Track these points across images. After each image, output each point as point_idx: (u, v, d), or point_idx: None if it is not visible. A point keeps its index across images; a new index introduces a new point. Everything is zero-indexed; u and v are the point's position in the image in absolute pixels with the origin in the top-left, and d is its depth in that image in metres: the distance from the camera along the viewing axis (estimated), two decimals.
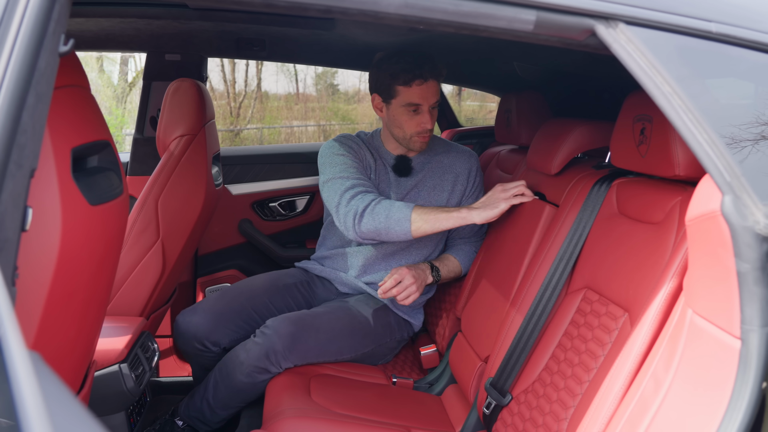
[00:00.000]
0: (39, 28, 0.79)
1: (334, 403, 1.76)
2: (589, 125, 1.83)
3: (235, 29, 2.32)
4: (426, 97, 2.00)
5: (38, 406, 0.41)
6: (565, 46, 1.05)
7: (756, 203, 0.95)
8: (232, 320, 2.07)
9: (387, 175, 2.18)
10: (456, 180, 2.20)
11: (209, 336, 2.03)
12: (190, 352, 2.07)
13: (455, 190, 2.20)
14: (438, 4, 0.94)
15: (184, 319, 2.04)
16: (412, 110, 2.02)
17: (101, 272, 1.22)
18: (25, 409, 0.41)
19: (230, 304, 2.10)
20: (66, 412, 0.47)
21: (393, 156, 2.19)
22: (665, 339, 1.16)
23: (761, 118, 1.05)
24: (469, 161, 2.23)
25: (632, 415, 1.14)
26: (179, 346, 2.08)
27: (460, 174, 2.20)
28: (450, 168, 2.20)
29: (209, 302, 2.10)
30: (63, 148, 1.03)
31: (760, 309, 0.93)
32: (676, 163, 1.27)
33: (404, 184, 2.17)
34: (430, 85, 1.99)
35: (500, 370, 1.64)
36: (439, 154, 2.22)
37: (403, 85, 1.98)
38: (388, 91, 2.02)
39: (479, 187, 2.25)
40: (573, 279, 1.59)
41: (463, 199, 2.22)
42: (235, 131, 13.00)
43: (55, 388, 0.49)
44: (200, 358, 2.08)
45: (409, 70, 1.95)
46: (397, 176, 2.17)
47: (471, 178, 2.22)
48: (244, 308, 2.11)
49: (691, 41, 1.03)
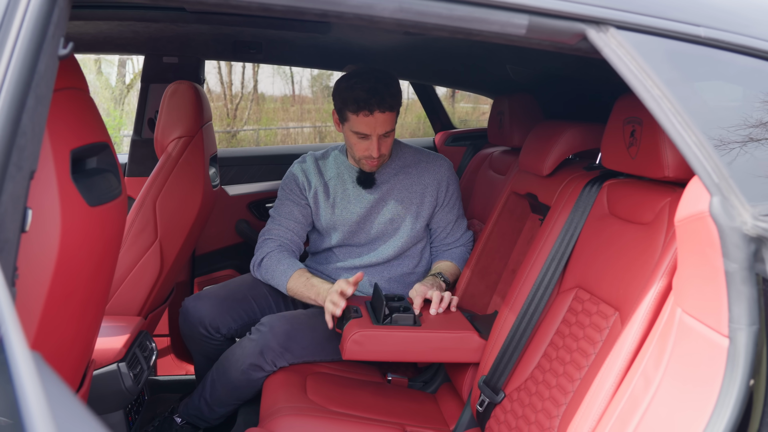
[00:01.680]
0: (39, 32, 0.79)
1: (330, 401, 1.76)
2: (580, 127, 1.84)
3: (231, 32, 2.32)
4: (373, 128, 1.95)
5: (41, 406, 0.42)
6: (556, 49, 1.05)
7: (743, 204, 0.95)
8: (233, 308, 2.11)
9: (350, 188, 2.16)
10: (424, 193, 2.16)
11: (212, 321, 2.07)
12: (195, 336, 2.10)
13: (424, 203, 2.16)
14: (432, 8, 0.94)
15: (191, 304, 2.10)
16: (359, 137, 1.98)
17: (100, 272, 1.22)
18: (29, 408, 0.41)
19: (233, 292, 2.15)
20: (67, 411, 0.47)
21: (356, 169, 2.16)
22: (655, 337, 1.16)
23: (749, 120, 1.05)
24: (439, 171, 2.18)
25: (623, 412, 1.15)
26: (183, 331, 2.12)
27: (429, 186, 2.16)
28: (418, 180, 2.16)
29: (214, 289, 2.17)
30: (62, 150, 1.03)
31: (747, 308, 0.93)
32: (665, 164, 1.27)
33: (367, 198, 2.14)
34: (377, 117, 1.93)
35: (493, 368, 1.65)
36: (408, 166, 2.18)
37: (352, 113, 1.94)
38: (340, 113, 2.00)
39: (454, 196, 2.21)
40: (564, 278, 1.60)
41: (436, 210, 2.19)
42: (231, 132, 12.98)
43: (56, 388, 0.49)
44: (203, 344, 2.11)
45: (357, 101, 1.91)
46: (360, 188, 2.14)
47: (442, 190, 2.18)
48: (246, 297, 2.15)
49: (681, 45, 1.04)
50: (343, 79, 1.98)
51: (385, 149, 2.01)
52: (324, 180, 2.17)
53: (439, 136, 3.35)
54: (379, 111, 1.92)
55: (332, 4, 0.92)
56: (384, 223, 2.14)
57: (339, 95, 1.97)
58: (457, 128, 3.45)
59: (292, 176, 2.19)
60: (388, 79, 1.95)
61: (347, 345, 1.73)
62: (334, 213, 2.15)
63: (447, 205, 2.20)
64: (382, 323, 1.77)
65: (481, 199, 2.46)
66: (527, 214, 2.09)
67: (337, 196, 2.16)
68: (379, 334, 1.74)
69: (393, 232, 2.16)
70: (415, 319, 1.79)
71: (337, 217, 2.15)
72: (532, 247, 1.75)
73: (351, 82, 1.93)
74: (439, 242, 2.25)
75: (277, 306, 2.19)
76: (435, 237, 2.25)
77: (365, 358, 1.78)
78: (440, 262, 2.21)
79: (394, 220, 2.15)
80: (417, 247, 2.20)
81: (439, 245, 2.25)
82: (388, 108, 1.93)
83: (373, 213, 2.14)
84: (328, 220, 2.16)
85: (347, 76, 1.97)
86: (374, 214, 2.15)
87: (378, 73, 1.95)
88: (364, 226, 2.15)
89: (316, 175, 2.17)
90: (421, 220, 2.16)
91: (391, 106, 1.94)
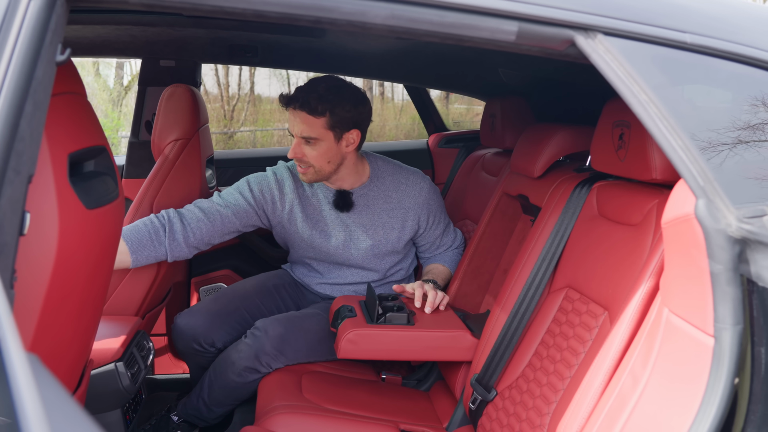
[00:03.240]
0: (36, 39, 0.79)
1: (324, 400, 1.77)
2: (570, 130, 1.85)
3: (228, 36, 2.32)
4: (292, 125, 1.92)
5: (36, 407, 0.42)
6: (546, 55, 1.06)
7: (728, 207, 0.96)
8: (226, 321, 2.07)
9: (326, 209, 2.10)
10: (405, 218, 2.13)
11: (206, 337, 2.03)
12: (188, 352, 2.07)
13: (405, 227, 2.13)
14: (423, 15, 0.95)
15: (182, 321, 2.05)
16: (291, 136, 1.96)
17: (97, 274, 1.22)
18: (24, 409, 0.42)
19: (225, 306, 2.11)
20: (62, 412, 0.47)
21: (332, 191, 2.10)
22: (643, 337, 1.17)
23: (734, 125, 1.06)
24: (419, 196, 2.13)
25: (611, 409, 1.15)
26: (177, 347, 2.08)
27: (409, 210, 2.12)
28: (398, 205, 2.12)
29: (205, 305, 2.10)
30: (60, 154, 1.03)
31: (732, 308, 0.94)
32: (653, 167, 1.28)
33: (346, 221, 2.10)
34: (296, 114, 1.89)
35: (485, 366, 1.65)
36: (388, 189, 2.12)
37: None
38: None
39: (438, 215, 2.18)
40: (555, 278, 1.61)
41: (419, 233, 2.17)
42: (228, 134, 12.95)
43: (52, 389, 0.49)
44: (197, 357, 2.08)
45: (286, 94, 1.92)
46: (338, 212, 2.10)
47: (423, 216, 2.15)
48: (238, 309, 2.12)
49: (667, 51, 1.04)
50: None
51: (308, 156, 1.94)
52: (300, 195, 2.11)
53: (433, 137, 3.36)
54: (297, 108, 1.89)
55: (325, 11, 0.92)
56: (365, 249, 2.12)
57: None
58: (451, 130, 3.46)
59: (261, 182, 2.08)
60: (330, 84, 1.91)
61: (342, 344, 1.74)
62: (312, 236, 2.11)
63: (432, 226, 2.19)
64: (376, 322, 1.77)
65: (473, 200, 2.46)
66: (519, 215, 2.10)
67: (314, 216, 2.11)
68: (373, 333, 1.75)
69: (375, 258, 2.15)
70: (408, 318, 1.79)
71: (315, 239, 2.11)
72: (523, 248, 1.76)
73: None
74: (430, 254, 2.25)
75: (270, 313, 2.17)
76: (425, 250, 2.25)
77: (360, 357, 1.79)
78: (432, 265, 2.21)
79: (375, 246, 2.12)
80: (404, 262, 2.21)
81: (431, 256, 2.25)
82: (301, 107, 1.88)
83: (353, 239, 2.11)
84: (305, 240, 2.12)
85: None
86: (354, 240, 2.12)
87: (328, 78, 1.94)
88: (344, 252, 2.13)
89: (292, 187, 2.10)
90: (403, 242, 2.15)
91: (309, 106, 1.87)
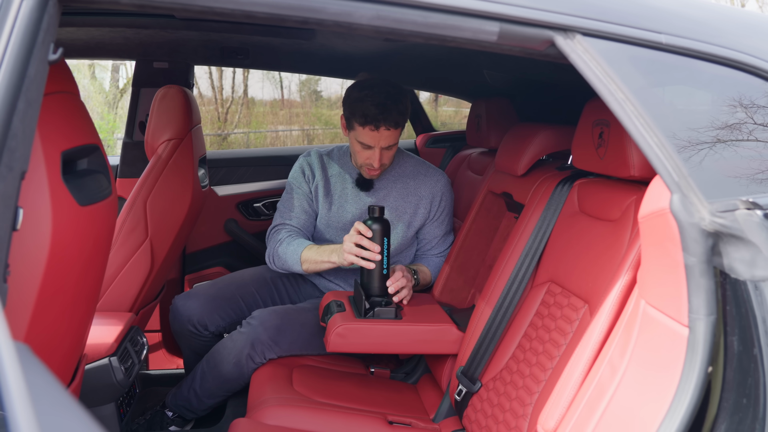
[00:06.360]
0: (29, 38, 0.78)
1: (315, 392, 1.77)
2: (552, 129, 1.85)
3: (219, 38, 2.31)
4: (377, 141, 1.92)
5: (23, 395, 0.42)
6: (527, 55, 1.07)
7: (702, 201, 0.97)
8: (221, 306, 2.11)
9: (349, 188, 2.15)
10: (418, 204, 2.14)
11: (201, 319, 2.07)
12: (184, 333, 2.10)
13: (417, 214, 2.14)
14: (407, 16, 0.95)
15: (180, 302, 2.10)
16: (363, 146, 1.96)
17: (90, 269, 1.22)
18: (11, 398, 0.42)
19: (222, 291, 2.15)
20: (52, 400, 0.47)
21: (357, 171, 2.15)
22: (621, 328, 1.18)
23: (708, 123, 1.07)
24: (435, 186, 2.16)
25: (591, 398, 1.16)
26: (173, 328, 2.13)
27: (423, 198, 2.14)
28: (414, 192, 2.14)
29: (203, 288, 2.17)
30: (53, 152, 1.02)
31: (705, 299, 0.95)
32: (631, 164, 1.29)
33: (364, 200, 2.13)
34: (383, 133, 1.90)
35: (470, 359, 1.66)
36: (407, 176, 2.16)
37: (359, 125, 1.91)
38: (348, 121, 1.97)
39: (446, 211, 2.20)
40: (538, 273, 1.62)
41: (426, 222, 2.18)
42: (222, 135, 12.91)
43: (42, 378, 0.49)
44: (192, 340, 2.11)
45: (366, 116, 1.88)
46: (358, 190, 2.13)
47: (435, 203, 2.16)
48: (234, 296, 2.15)
49: (643, 51, 1.05)
50: (355, 88, 1.94)
51: (386, 160, 2.00)
52: (326, 176, 2.16)
53: (420, 138, 3.36)
54: (385, 128, 1.89)
55: (312, 11, 0.93)
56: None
57: (349, 105, 1.93)
58: (438, 130, 3.46)
59: (299, 169, 2.18)
60: (399, 96, 1.91)
61: (331, 338, 1.74)
62: (330, 210, 2.14)
63: (437, 219, 2.18)
64: (365, 317, 1.78)
65: (459, 198, 2.47)
66: (503, 213, 2.11)
67: (336, 194, 2.15)
68: (361, 327, 1.75)
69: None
70: (396, 312, 1.79)
71: (333, 214, 2.14)
72: (507, 244, 1.77)
73: (362, 94, 1.89)
74: (423, 252, 2.25)
75: (264, 304, 2.18)
76: (420, 246, 2.25)
77: (348, 350, 1.79)
78: (419, 265, 2.21)
79: None
80: (405, 254, 2.21)
81: (422, 255, 2.25)
82: (393, 125, 1.90)
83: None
84: (324, 216, 2.15)
85: (360, 87, 1.93)
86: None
87: (390, 88, 1.91)
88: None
89: (320, 170, 2.17)
90: (412, 230, 2.15)
91: (397, 123, 1.91)
